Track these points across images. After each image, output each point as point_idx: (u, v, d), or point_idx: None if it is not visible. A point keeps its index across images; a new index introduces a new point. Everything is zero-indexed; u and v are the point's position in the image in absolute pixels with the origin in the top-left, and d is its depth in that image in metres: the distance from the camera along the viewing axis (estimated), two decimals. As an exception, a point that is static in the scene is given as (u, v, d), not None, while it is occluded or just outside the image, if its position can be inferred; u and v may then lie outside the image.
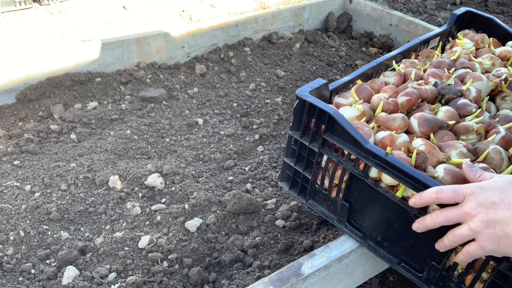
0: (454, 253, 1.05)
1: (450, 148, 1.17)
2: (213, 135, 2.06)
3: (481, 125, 1.28)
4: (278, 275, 1.17)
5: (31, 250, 1.44)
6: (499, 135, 1.24)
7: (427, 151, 1.15)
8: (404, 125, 1.28)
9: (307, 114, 1.27)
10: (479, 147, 1.20)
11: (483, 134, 1.28)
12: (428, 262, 1.11)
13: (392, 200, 1.13)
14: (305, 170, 1.35)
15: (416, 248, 1.14)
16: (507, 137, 1.23)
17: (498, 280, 0.98)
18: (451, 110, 1.32)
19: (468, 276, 1.05)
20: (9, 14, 2.86)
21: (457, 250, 1.04)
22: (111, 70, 2.32)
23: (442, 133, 1.25)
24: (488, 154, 1.17)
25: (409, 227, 1.12)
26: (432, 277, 1.11)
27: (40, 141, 1.92)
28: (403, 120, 1.27)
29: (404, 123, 1.28)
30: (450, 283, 1.08)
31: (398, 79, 1.54)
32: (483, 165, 1.13)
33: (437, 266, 1.09)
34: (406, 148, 1.19)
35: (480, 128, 1.27)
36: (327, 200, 1.33)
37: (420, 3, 3.88)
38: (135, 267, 1.39)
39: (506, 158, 1.18)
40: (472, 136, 1.26)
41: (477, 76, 1.47)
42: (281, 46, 2.80)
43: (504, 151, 1.18)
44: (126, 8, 3.17)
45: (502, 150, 1.18)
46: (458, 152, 1.15)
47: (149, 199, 1.67)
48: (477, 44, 1.77)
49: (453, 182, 1.07)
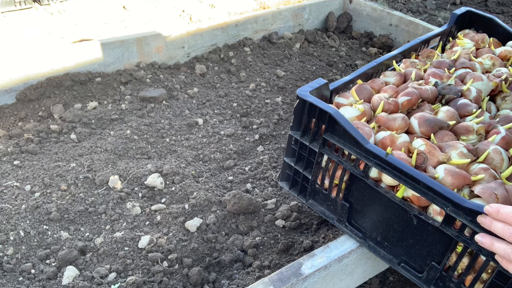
0: (454, 253, 1.05)
1: (451, 148, 1.17)
2: (213, 135, 2.06)
3: (482, 126, 1.28)
4: (278, 275, 1.17)
5: (31, 250, 1.44)
6: (499, 135, 1.24)
7: (428, 152, 1.15)
8: (405, 125, 1.27)
9: (308, 114, 1.27)
10: (479, 147, 1.20)
11: (483, 134, 1.28)
12: (428, 262, 1.11)
13: (392, 200, 1.13)
14: (305, 170, 1.35)
15: (416, 248, 1.14)
16: (508, 138, 1.23)
17: (498, 280, 0.98)
18: (452, 110, 1.32)
19: (468, 277, 1.05)
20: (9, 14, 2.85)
21: (457, 251, 1.04)
22: (111, 70, 2.32)
23: (443, 133, 1.25)
24: (488, 154, 1.16)
25: (409, 227, 1.12)
26: (432, 277, 1.10)
27: (40, 141, 1.92)
28: (404, 120, 1.27)
29: (405, 123, 1.27)
30: (450, 283, 1.08)
31: (399, 79, 1.54)
32: (484, 166, 1.13)
33: (437, 267, 1.09)
34: (406, 148, 1.19)
35: (480, 129, 1.27)
36: (327, 200, 1.33)
37: (420, 3, 3.88)
38: (135, 267, 1.39)
39: (507, 158, 1.18)
40: (472, 136, 1.26)
41: (477, 76, 1.47)
42: (281, 46, 2.80)
43: (504, 151, 1.18)
44: (126, 8, 3.17)
45: (502, 150, 1.18)
46: (459, 152, 1.15)
47: (149, 199, 1.67)
48: (477, 44, 1.77)
49: (453, 182, 1.07)
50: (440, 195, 1.01)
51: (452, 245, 1.04)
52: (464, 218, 0.99)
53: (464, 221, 0.98)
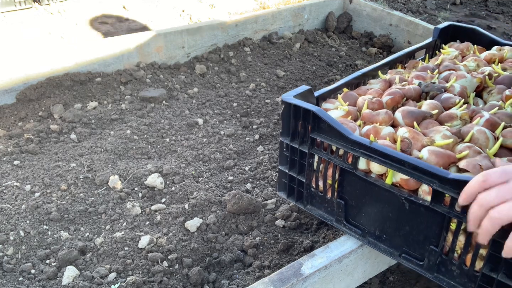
0: (450, 233, 1.05)
1: (434, 133, 1.20)
2: (213, 135, 2.06)
3: (465, 112, 1.29)
4: (278, 275, 1.17)
5: (31, 250, 1.44)
6: (483, 118, 1.25)
7: (411, 137, 1.17)
8: (388, 119, 1.30)
9: (294, 117, 1.30)
10: (463, 129, 1.22)
11: (467, 119, 1.29)
12: (426, 247, 1.12)
13: (382, 188, 1.15)
14: (299, 174, 1.38)
15: (413, 234, 1.15)
16: (492, 120, 1.24)
17: (495, 252, 0.98)
18: (435, 102, 1.34)
19: (468, 256, 1.04)
20: (9, 14, 2.86)
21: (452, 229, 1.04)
22: (111, 70, 2.32)
23: (427, 122, 1.27)
24: (473, 135, 1.17)
25: (402, 213, 1.14)
26: (433, 263, 1.11)
27: (40, 141, 1.92)
28: (387, 114, 1.30)
29: (388, 117, 1.30)
30: (451, 266, 1.08)
31: (383, 85, 1.57)
32: (468, 144, 1.14)
33: (435, 250, 1.09)
34: (391, 138, 1.21)
35: (464, 114, 1.28)
36: (324, 202, 1.34)
37: (420, 3, 3.88)
38: (135, 267, 1.39)
39: (492, 137, 1.18)
40: (456, 122, 1.27)
41: (461, 74, 1.48)
42: (281, 46, 2.80)
43: (489, 131, 1.18)
44: (126, 8, 3.17)
45: (486, 130, 1.18)
46: (442, 135, 1.17)
47: (149, 199, 1.67)
48: (462, 52, 1.77)
49: (437, 161, 1.08)
50: (425, 172, 1.03)
51: (445, 223, 1.05)
52: (451, 191, 1.00)
53: (452, 194, 0.99)
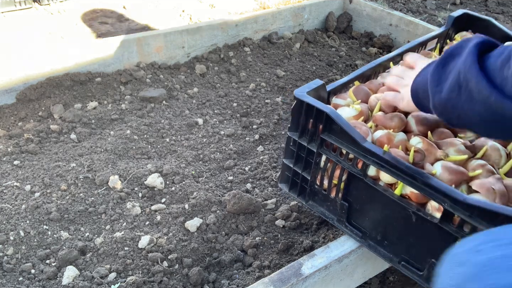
0: None
1: (448, 145, 1.18)
2: (213, 135, 2.06)
3: None
4: (278, 275, 1.17)
5: (31, 250, 1.44)
6: None
7: (425, 149, 1.16)
8: (402, 124, 1.28)
9: (305, 114, 1.27)
10: (476, 143, 1.21)
11: None
12: (428, 260, 1.11)
13: (390, 198, 1.13)
14: (304, 170, 1.35)
15: (416, 246, 1.14)
16: None
17: None
18: None
19: None
20: (9, 14, 2.86)
21: None
22: (111, 70, 2.32)
23: (440, 131, 1.26)
24: (486, 151, 1.17)
25: (408, 224, 1.12)
26: (433, 274, 1.11)
27: (40, 141, 1.92)
28: (400, 119, 1.28)
29: (401, 122, 1.28)
30: None
31: None
32: (481, 162, 1.13)
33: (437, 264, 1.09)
34: (404, 146, 1.20)
35: None
36: (327, 201, 1.33)
37: (420, 3, 3.88)
38: (135, 267, 1.39)
39: (505, 155, 1.18)
40: (470, 133, 1.26)
41: None
42: (281, 46, 2.80)
43: (502, 148, 1.18)
44: (126, 8, 3.17)
45: (500, 146, 1.18)
46: (456, 149, 1.16)
47: (149, 199, 1.67)
48: None
49: (451, 178, 1.08)
50: (437, 191, 1.01)
51: (452, 241, 1.04)
52: (462, 213, 0.99)
53: (463, 216, 0.98)
